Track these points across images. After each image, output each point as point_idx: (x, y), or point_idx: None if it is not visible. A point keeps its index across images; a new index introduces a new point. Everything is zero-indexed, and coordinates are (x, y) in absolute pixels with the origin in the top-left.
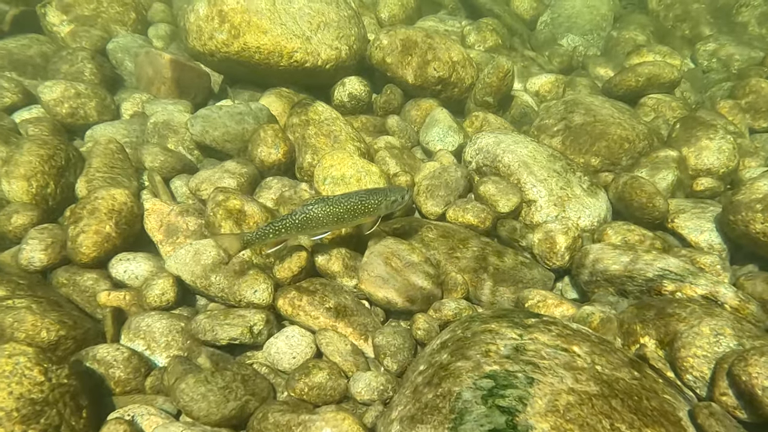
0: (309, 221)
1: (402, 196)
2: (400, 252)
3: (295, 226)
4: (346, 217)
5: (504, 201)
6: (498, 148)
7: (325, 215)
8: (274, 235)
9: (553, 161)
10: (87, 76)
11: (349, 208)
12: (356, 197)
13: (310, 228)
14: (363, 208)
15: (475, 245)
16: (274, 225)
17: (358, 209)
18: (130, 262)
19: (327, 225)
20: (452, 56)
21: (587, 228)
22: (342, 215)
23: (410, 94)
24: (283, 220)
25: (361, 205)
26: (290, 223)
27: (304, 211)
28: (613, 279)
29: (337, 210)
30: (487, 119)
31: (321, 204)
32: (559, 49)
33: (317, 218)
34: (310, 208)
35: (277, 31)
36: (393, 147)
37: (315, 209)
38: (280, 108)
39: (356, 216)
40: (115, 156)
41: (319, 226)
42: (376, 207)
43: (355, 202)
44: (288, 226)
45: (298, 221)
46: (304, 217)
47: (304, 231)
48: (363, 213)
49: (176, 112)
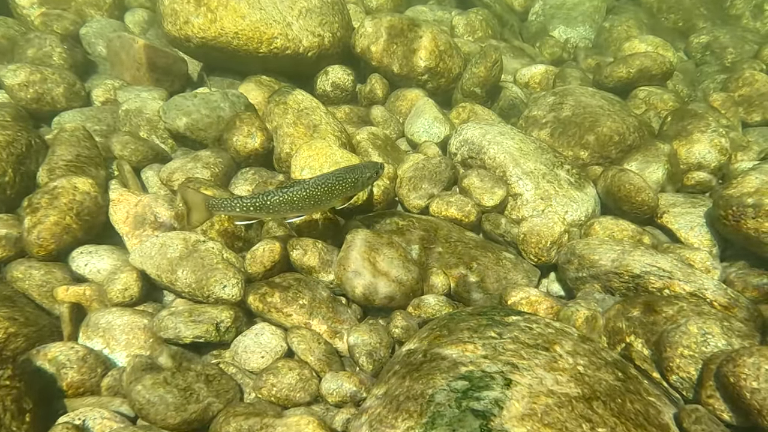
0: (283, 205)
1: (376, 171)
2: (379, 246)
3: (267, 207)
4: (323, 199)
5: (489, 194)
6: (483, 140)
7: (302, 199)
8: (242, 210)
9: (541, 154)
10: (55, 60)
11: (327, 189)
12: (333, 178)
13: (284, 211)
14: (340, 188)
15: (458, 240)
16: (244, 201)
17: (336, 189)
18: (92, 256)
19: (303, 209)
20: (439, 45)
21: (574, 223)
22: (319, 197)
23: (396, 83)
24: (255, 198)
25: (338, 184)
26: (261, 203)
27: (279, 193)
28: (599, 275)
29: (315, 193)
30: (475, 110)
31: (298, 187)
32: (550, 40)
33: (292, 202)
34: (286, 191)
35: (256, 16)
36: (376, 137)
37: (291, 193)
38: (260, 96)
39: (333, 196)
40: (82, 144)
41: (294, 210)
42: (353, 185)
43: (333, 182)
44: (259, 206)
45: (270, 203)
46: (278, 200)
47: (276, 214)
48: (340, 192)
49: (150, 99)
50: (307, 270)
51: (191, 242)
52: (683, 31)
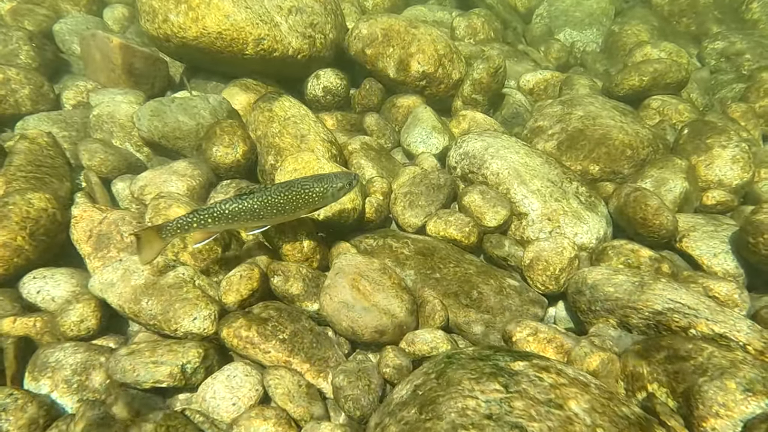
0: (242, 213)
1: (349, 182)
2: (370, 273)
3: (225, 216)
4: (287, 209)
5: (491, 214)
6: (486, 153)
7: (263, 207)
8: (199, 224)
9: (548, 169)
10: (22, 59)
11: (291, 198)
12: (299, 186)
13: (243, 220)
14: (307, 198)
15: (458, 265)
16: (199, 214)
17: (302, 199)
18: (46, 281)
19: (265, 218)
20: (438, 49)
21: (585, 246)
22: (283, 206)
23: (391, 89)
24: (211, 208)
25: (304, 194)
26: (219, 212)
27: (238, 201)
28: (615, 309)
29: (277, 201)
30: (476, 119)
31: (258, 194)
32: (556, 44)
33: (252, 210)
34: (245, 199)
35: (241, 15)
36: (370, 148)
37: (250, 200)
38: (245, 101)
39: (299, 207)
40: (45, 152)
41: (255, 218)
42: (321, 196)
43: (298, 191)
44: (216, 216)
45: (228, 212)
46: (236, 208)
47: (236, 223)
48: (307, 203)
49: (124, 103)
50: (289, 298)
51: (159, 267)
52: (696, 36)
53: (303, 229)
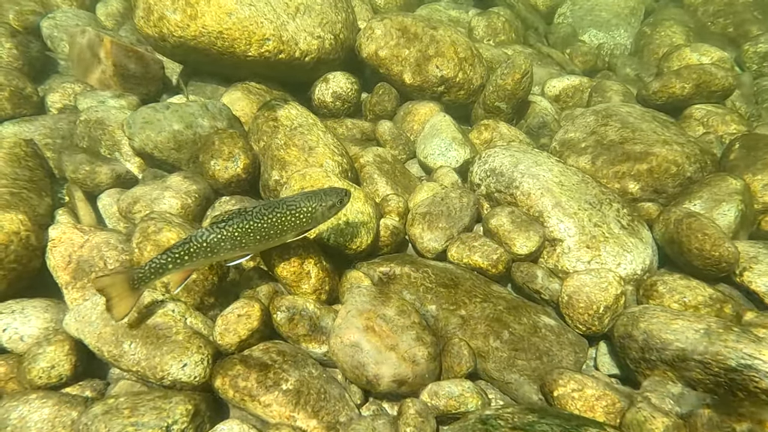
0: (222, 243)
1: (340, 199)
2: (387, 311)
3: (204, 250)
4: (272, 234)
5: (522, 240)
6: (515, 171)
7: (244, 234)
8: (175, 265)
9: (585, 189)
10: (3, 57)
11: (276, 221)
12: (284, 207)
13: (224, 251)
14: (294, 220)
15: (486, 299)
16: (174, 252)
17: (288, 222)
18: (15, 316)
19: (248, 246)
20: (459, 52)
21: (629, 277)
22: (267, 231)
23: (407, 95)
24: (186, 244)
25: (290, 216)
26: (196, 247)
27: (215, 230)
28: (675, 361)
29: (260, 225)
30: (499, 129)
31: (238, 220)
32: (582, 46)
33: (233, 238)
34: (224, 227)
35: (244, 13)
36: (383, 161)
37: (230, 228)
38: (248, 108)
39: (286, 230)
40: (24, 163)
41: (237, 247)
42: (310, 217)
43: (283, 213)
44: (194, 252)
45: (207, 244)
46: (215, 239)
47: (216, 256)
48: (294, 226)
49: (115, 108)
50: (294, 339)
51: (145, 303)
52: (734, 38)
53: (310, 257)
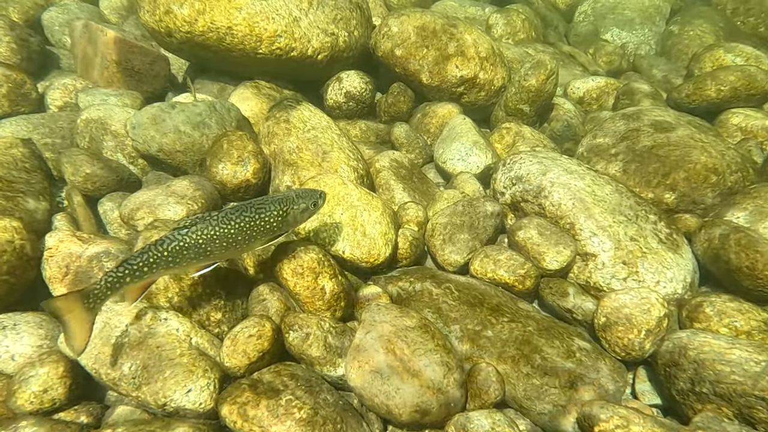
0: (185, 251)
1: (314, 201)
2: (408, 332)
3: (164, 260)
4: (240, 240)
5: (552, 254)
6: (544, 180)
7: (209, 240)
8: (133, 277)
9: (619, 199)
10: (2, 51)
11: (244, 226)
12: (252, 210)
13: (187, 260)
14: (263, 225)
15: (514, 319)
16: (131, 264)
17: (257, 227)
18: (6, 333)
19: (213, 253)
20: (480, 51)
21: (669, 297)
22: (234, 237)
23: (423, 95)
24: (145, 254)
25: (259, 220)
26: (156, 256)
27: (176, 237)
28: (732, 396)
29: (226, 231)
30: (522, 133)
31: (201, 225)
32: (607, 46)
33: (197, 246)
34: (186, 234)
35: (255, 8)
36: (400, 166)
37: (193, 234)
38: (257, 108)
39: (254, 236)
40: (20, 165)
41: (201, 256)
42: (280, 221)
43: (252, 217)
44: (153, 262)
45: (167, 253)
46: (176, 247)
47: (179, 266)
48: (263, 231)
49: (118, 106)
50: (307, 360)
51: (147, 321)
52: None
53: (325, 271)
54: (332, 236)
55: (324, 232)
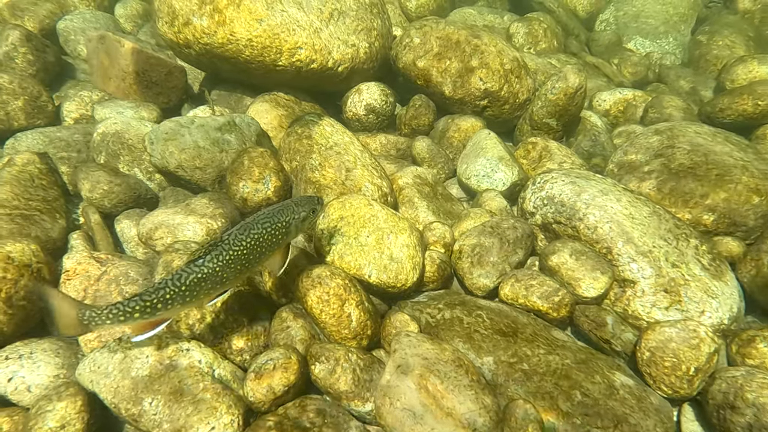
0: (203, 283)
1: (312, 209)
2: (441, 366)
3: (181, 295)
4: (252, 259)
5: (589, 281)
6: (579, 200)
7: (225, 266)
8: (144, 314)
9: (658, 222)
10: (18, 63)
11: (254, 244)
12: (258, 227)
13: (204, 293)
14: (270, 239)
15: (550, 351)
16: (145, 300)
17: (265, 242)
18: (22, 362)
19: (229, 280)
20: (505, 63)
21: (714, 328)
22: (247, 257)
23: (445, 108)
24: (161, 290)
25: (267, 235)
26: (173, 293)
27: (194, 269)
28: None
29: (240, 252)
30: (548, 148)
31: (216, 252)
32: (632, 56)
33: (215, 275)
34: (206, 263)
35: (276, 20)
36: (423, 182)
37: (210, 263)
38: (276, 120)
39: (264, 252)
40: (37, 182)
41: (217, 285)
42: (285, 232)
43: (260, 233)
44: (169, 299)
45: (186, 288)
46: (195, 280)
47: (195, 300)
48: (271, 245)
49: (135, 119)
50: (334, 394)
51: (168, 353)
52: None
53: (352, 298)
54: (358, 260)
55: (349, 256)
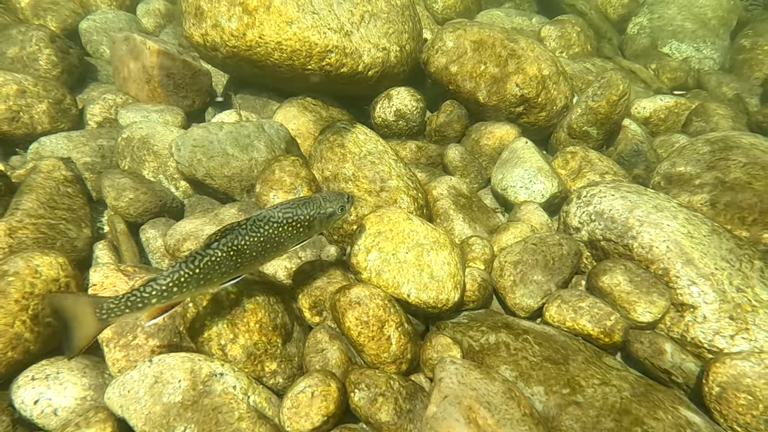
0: (217, 266)
1: (341, 206)
2: (491, 397)
3: (196, 278)
4: (268, 248)
5: (644, 304)
6: (632, 217)
7: (239, 252)
8: (161, 298)
9: (719, 242)
10: (42, 65)
11: (272, 233)
12: (278, 215)
13: (218, 276)
14: (291, 231)
15: (605, 381)
16: (161, 284)
17: (285, 233)
18: (48, 383)
19: (243, 266)
20: (542, 68)
21: None
22: (264, 246)
23: (477, 115)
24: (176, 273)
25: (287, 225)
26: (187, 275)
27: (209, 252)
28: None
29: (256, 240)
30: (588, 158)
31: (231, 236)
32: (671, 61)
33: (229, 259)
34: (218, 248)
35: (306, 22)
36: (459, 194)
37: (224, 247)
38: (304, 127)
39: (282, 243)
40: (62, 189)
41: (231, 269)
42: (307, 227)
43: (279, 223)
44: (184, 282)
45: (200, 270)
46: (209, 263)
47: (209, 284)
48: (291, 237)
49: (160, 124)
50: (375, 425)
51: (202, 378)
52: None
53: (392, 319)
54: (396, 278)
55: (387, 273)
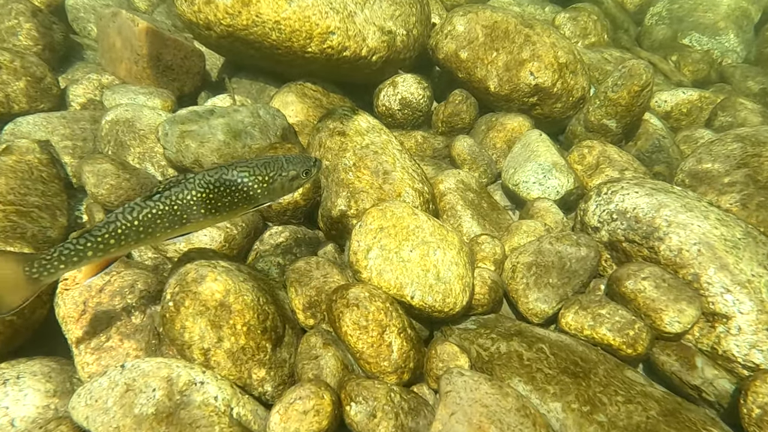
0: (159, 220)
1: (306, 170)
2: (503, 414)
3: (135, 231)
4: (219, 207)
5: (673, 313)
6: (658, 217)
7: (185, 207)
8: (96, 252)
9: (755, 245)
10: (22, 40)
11: (224, 192)
12: (234, 174)
13: (160, 231)
14: (246, 191)
15: (630, 397)
16: (95, 235)
17: (238, 193)
18: (7, 389)
19: (189, 222)
20: (559, 56)
21: None
22: (214, 204)
23: (487, 105)
24: (112, 224)
25: (242, 185)
26: (125, 227)
27: (149, 204)
28: None
29: (205, 196)
30: (607, 153)
31: (177, 190)
32: (693, 53)
33: (173, 214)
34: (160, 200)
35: (306, 1)
36: (467, 189)
37: (166, 200)
38: (302, 114)
39: (235, 204)
40: (36, 174)
41: (175, 225)
42: (266, 188)
43: (233, 182)
44: (121, 234)
45: (139, 223)
46: (149, 215)
47: (151, 237)
48: (246, 198)
49: (148, 107)
50: None
51: (180, 387)
52: None
53: (393, 324)
54: (399, 278)
55: (389, 273)
